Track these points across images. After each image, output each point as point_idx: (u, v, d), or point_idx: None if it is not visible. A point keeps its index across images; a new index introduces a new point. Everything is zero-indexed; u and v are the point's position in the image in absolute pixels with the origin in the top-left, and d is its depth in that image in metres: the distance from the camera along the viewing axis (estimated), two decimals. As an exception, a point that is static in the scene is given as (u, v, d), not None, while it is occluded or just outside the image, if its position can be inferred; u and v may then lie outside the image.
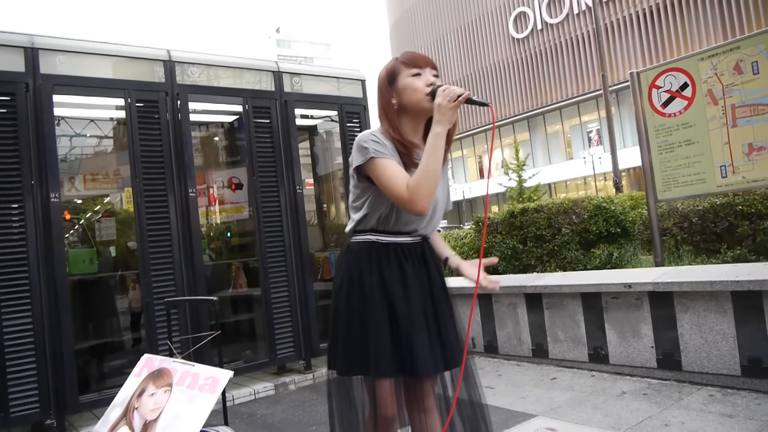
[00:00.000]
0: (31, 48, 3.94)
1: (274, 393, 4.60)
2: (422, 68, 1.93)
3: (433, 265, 2.03)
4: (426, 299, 1.95)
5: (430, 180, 1.77)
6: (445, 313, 1.99)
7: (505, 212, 6.51)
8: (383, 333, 1.86)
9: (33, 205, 3.83)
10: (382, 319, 1.88)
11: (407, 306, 1.89)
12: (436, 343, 1.90)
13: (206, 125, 5.98)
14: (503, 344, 4.83)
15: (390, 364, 1.85)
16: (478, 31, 40.91)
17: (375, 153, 1.85)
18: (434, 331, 1.91)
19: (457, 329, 2.05)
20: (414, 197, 1.77)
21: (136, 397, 2.20)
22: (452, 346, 1.97)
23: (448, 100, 1.79)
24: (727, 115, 4.38)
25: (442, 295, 2.02)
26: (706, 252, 5.17)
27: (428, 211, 1.83)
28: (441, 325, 1.95)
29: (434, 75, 1.94)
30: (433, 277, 2.00)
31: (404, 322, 1.87)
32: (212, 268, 5.43)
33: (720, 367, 3.49)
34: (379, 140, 1.88)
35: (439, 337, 1.92)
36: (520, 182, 27.11)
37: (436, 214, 2.01)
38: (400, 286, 1.91)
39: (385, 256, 1.94)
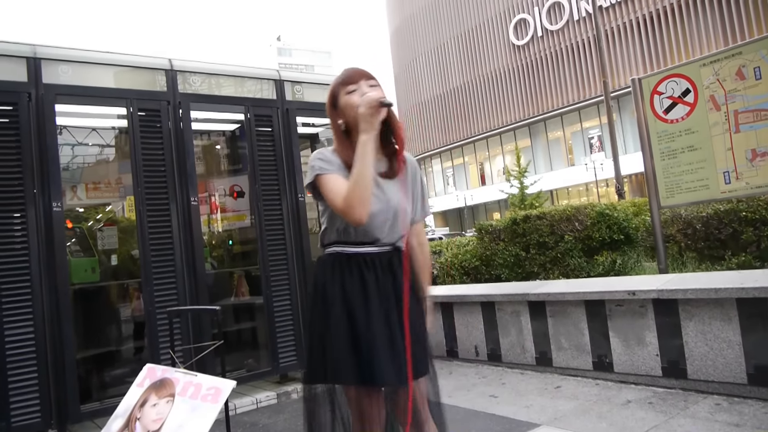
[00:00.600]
0: (33, 58, 3.95)
1: (276, 402, 4.58)
2: (356, 83, 1.98)
3: (401, 275, 1.99)
4: (391, 309, 1.93)
5: (361, 188, 1.81)
6: (413, 322, 1.94)
7: (508, 219, 6.49)
8: (343, 342, 1.88)
9: (35, 214, 3.82)
10: (343, 328, 1.89)
11: (367, 316, 1.90)
12: (401, 352, 1.89)
13: (208, 133, 5.99)
14: (506, 352, 4.81)
15: (349, 372, 1.86)
16: (479, 38, 41.02)
17: (319, 170, 1.94)
18: (399, 341, 1.90)
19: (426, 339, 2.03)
20: (348, 206, 1.82)
21: (139, 408, 2.19)
22: (420, 355, 1.95)
23: (366, 107, 1.82)
24: (729, 121, 4.37)
25: (412, 305, 1.96)
26: (711, 259, 5.15)
27: (365, 218, 1.84)
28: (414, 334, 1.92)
29: (370, 85, 1.98)
30: (400, 286, 1.96)
31: (363, 331, 1.88)
32: (214, 276, 5.42)
33: (726, 375, 3.46)
34: (324, 158, 1.97)
35: (404, 347, 1.90)
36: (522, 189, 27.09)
37: (398, 221, 2.00)
38: (360, 296, 1.92)
39: (347, 267, 1.96)
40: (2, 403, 3.57)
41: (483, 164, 43.99)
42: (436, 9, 44.29)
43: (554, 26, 36.01)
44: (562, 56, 35.73)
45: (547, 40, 36.60)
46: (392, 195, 1.99)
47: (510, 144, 39.10)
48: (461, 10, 42.07)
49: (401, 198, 2.00)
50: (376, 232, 1.97)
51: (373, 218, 1.93)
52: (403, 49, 48.82)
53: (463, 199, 41.99)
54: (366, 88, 1.96)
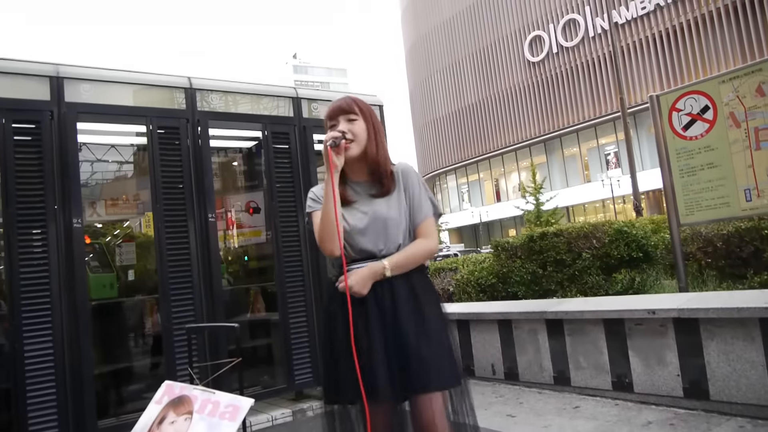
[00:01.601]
0: (56, 77, 4.02)
1: (291, 420, 4.56)
2: (335, 119, 2.10)
3: (403, 286, 2.04)
4: (387, 324, 1.99)
5: (325, 226, 2.00)
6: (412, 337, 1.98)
7: (524, 236, 6.46)
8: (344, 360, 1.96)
9: (56, 230, 3.87)
10: (343, 346, 1.97)
11: (365, 332, 1.98)
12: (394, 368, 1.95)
13: (225, 150, 6.04)
14: (524, 371, 4.75)
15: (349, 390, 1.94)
16: (494, 55, 41.16)
17: (308, 208, 2.19)
18: (396, 353, 1.95)
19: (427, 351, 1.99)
20: (320, 241, 2.04)
21: (157, 425, 2.19)
22: (416, 371, 1.95)
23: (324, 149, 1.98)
24: (750, 138, 4.32)
25: (415, 318, 2.01)
26: (732, 277, 5.07)
27: (336, 251, 1.98)
28: (403, 350, 1.96)
29: (349, 119, 2.08)
30: (398, 298, 2.02)
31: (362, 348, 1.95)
32: (230, 292, 5.44)
33: (750, 396, 3.39)
34: (314, 196, 2.17)
35: (403, 358, 1.95)
36: (538, 205, 26.99)
37: (389, 231, 2.06)
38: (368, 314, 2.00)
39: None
40: (21, 418, 3.59)
41: (498, 180, 43.93)
42: (452, 26, 44.55)
43: (570, 43, 36.04)
44: (578, 73, 35.71)
45: (562, 57, 36.63)
46: (380, 208, 2.07)
47: (525, 160, 39.03)
48: (476, 27, 42.28)
49: (390, 210, 2.08)
50: (370, 246, 2.06)
51: (364, 235, 2.05)
52: (418, 66, 49.10)
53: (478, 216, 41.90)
54: (344, 124, 2.07)
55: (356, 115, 2.09)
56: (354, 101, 2.12)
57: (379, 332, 1.98)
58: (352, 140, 2.03)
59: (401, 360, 1.95)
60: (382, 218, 2.06)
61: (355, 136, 2.06)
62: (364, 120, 2.10)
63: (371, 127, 2.10)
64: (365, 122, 2.09)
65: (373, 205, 2.08)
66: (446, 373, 2.02)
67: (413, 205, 2.11)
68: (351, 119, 2.08)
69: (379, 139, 2.11)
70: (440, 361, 2.00)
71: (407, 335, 1.97)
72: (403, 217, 2.10)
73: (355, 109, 2.09)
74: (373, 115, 2.14)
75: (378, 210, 2.06)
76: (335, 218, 1.97)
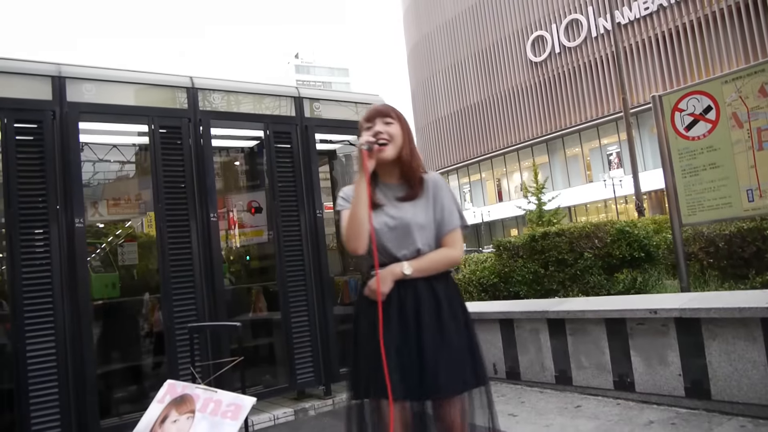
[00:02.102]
0: (58, 77, 4.02)
1: (293, 419, 4.56)
2: (372, 121, 2.17)
3: (426, 290, 2.11)
4: (409, 324, 2.06)
5: (353, 225, 2.05)
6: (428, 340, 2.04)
7: (526, 236, 6.46)
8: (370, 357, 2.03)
9: (58, 230, 3.87)
10: (366, 343, 2.08)
11: (387, 331, 2.02)
12: (413, 367, 2.01)
13: (227, 150, 6.05)
14: (525, 370, 4.75)
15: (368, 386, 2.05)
16: (497, 55, 41.13)
17: (339, 207, 2.24)
18: (414, 356, 2.02)
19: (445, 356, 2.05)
20: (346, 240, 2.10)
21: (159, 424, 2.20)
22: (431, 377, 2.00)
23: (358, 152, 2.07)
24: (752, 139, 4.32)
25: (433, 323, 2.08)
26: (734, 277, 5.07)
27: (360, 250, 2.06)
28: (424, 348, 2.03)
29: (386, 122, 2.16)
30: (422, 301, 2.09)
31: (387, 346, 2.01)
32: (232, 292, 5.44)
33: (751, 396, 3.39)
34: (344, 195, 2.22)
35: (420, 361, 2.01)
36: (540, 205, 26.93)
37: (413, 235, 2.12)
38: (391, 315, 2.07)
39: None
40: (23, 418, 3.60)
41: (500, 180, 43.89)
42: (454, 27, 44.53)
43: (572, 43, 36.00)
44: (580, 73, 35.68)
45: (565, 57, 36.59)
46: (406, 213, 2.13)
47: (527, 160, 39.00)
48: (479, 27, 42.25)
49: (416, 215, 2.14)
50: (394, 250, 2.12)
51: (389, 238, 2.11)
52: (420, 66, 49.09)
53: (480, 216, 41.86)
54: (380, 125, 2.14)
55: (392, 119, 2.17)
56: (391, 107, 2.22)
57: (399, 334, 2.05)
58: (388, 141, 2.11)
59: (420, 363, 2.01)
60: (407, 223, 2.12)
61: (392, 137, 2.13)
62: (400, 125, 2.18)
63: (406, 133, 2.19)
64: (400, 126, 2.18)
65: (400, 209, 2.15)
66: (464, 376, 2.07)
67: (443, 215, 2.17)
68: (387, 122, 2.16)
69: (412, 146, 2.21)
70: (458, 366, 2.05)
71: (427, 339, 2.04)
72: (430, 224, 2.16)
73: (392, 113, 2.19)
74: (404, 120, 2.22)
75: (404, 215, 2.13)
76: (366, 219, 2.04)
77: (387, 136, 2.11)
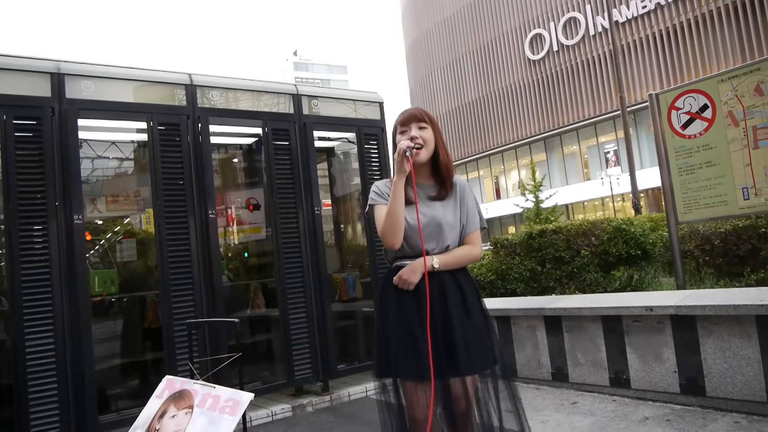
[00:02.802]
0: (57, 73, 4.03)
1: (291, 415, 4.58)
2: (407, 125, 2.33)
3: (451, 281, 2.30)
4: (436, 311, 2.22)
5: (390, 222, 2.22)
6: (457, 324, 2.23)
7: (524, 234, 6.48)
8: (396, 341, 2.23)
9: (57, 226, 3.88)
10: (394, 329, 2.25)
11: (418, 319, 2.21)
12: (440, 351, 2.18)
13: (225, 147, 6.06)
14: (522, 367, 4.78)
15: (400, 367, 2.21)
16: (494, 53, 41.08)
17: (371, 201, 2.38)
18: (440, 341, 2.19)
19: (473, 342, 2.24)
20: (383, 234, 2.26)
21: (158, 419, 2.21)
22: (462, 356, 2.18)
23: (397, 155, 2.20)
24: (748, 137, 4.35)
25: (460, 309, 2.27)
26: (729, 275, 5.10)
27: (397, 245, 2.25)
28: (449, 335, 2.21)
29: (420, 127, 2.32)
30: (447, 291, 2.27)
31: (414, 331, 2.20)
32: (230, 288, 5.46)
33: (745, 393, 3.42)
34: (377, 190, 2.38)
35: (446, 346, 2.20)
36: (537, 203, 26.95)
37: (443, 233, 2.31)
38: (413, 301, 2.25)
39: None
40: (22, 414, 3.61)
41: (498, 178, 43.89)
42: (452, 24, 44.46)
43: (570, 41, 35.98)
44: (578, 71, 35.66)
45: (562, 55, 36.57)
46: (437, 212, 2.32)
47: (525, 158, 38.99)
48: (477, 25, 42.20)
49: (446, 215, 2.33)
50: (426, 244, 2.28)
51: (418, 234, 2.27)
52: (418, 64, 49.03)
53: (477, 213, 41.81)
54: (415, 131, 2.31)
55: (426, 124, 2.33)
56: (425, 112, 2.37)
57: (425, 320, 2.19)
58: (423, 145, 2.29)
59: (447, 345, 2.19)
60: (438, 221, 2.30)
61: (426, 142, 2.30)
62: (432, 129, 2.34)
63: (439, 137, 2.36)
64: (433, 129, 2.34)
65: (432, 208, 2.32)
66: (487, 355, 2.28)
67: (468, 216, 2.37)
68: (422, 126, 2.32)
69: (446, 148, 2.37)
70: (482, 346, 2.26)
71: (456, 323, 2.22)
72: (457, 224, 2.35)
73: (425, 118, 2.34)
74: (438, 126, 2.39)
75: (436, 213, 2.31)
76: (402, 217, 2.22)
77: (422, 141, 2.28)
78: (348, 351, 5.63)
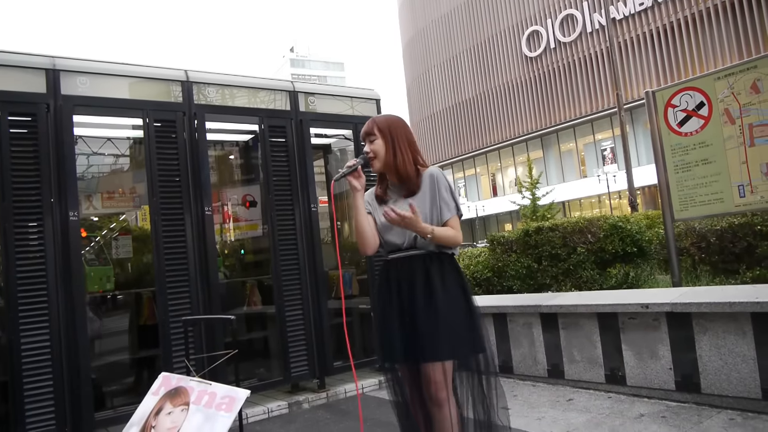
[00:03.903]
0: (52, 70, 4.01)
1: (287, 412, 4.58)
2: (364, 140, 2.49)
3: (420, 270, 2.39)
4: (404, 301, 2.37)
5: (357, 233, 2.42)
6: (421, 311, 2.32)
7: (520, 231, 6.49)
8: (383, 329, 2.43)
9: (52, 223, 3.87)
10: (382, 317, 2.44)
11: (390, 306, 2.40)
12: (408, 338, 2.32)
13: (222, 144, 6.04)
14: (518, 364, 4.79)
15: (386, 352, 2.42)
16: (491, 50, 41.09)
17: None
18: (408, 328, 2.33)
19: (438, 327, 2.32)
20: (358, 243, 2.45)
21: (154, 416, 2.21)
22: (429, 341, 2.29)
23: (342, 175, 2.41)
24: (744, 135, 4.35)
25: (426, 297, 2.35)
26: (725, 272, 5.11)
27: (368, 252, 2.43)
28: (417, 323, 2.31)
29: (370, 140, 2.46)
30: (416, 278, 2.37)
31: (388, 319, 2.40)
32: (226, 285, 5.45)
33: (740, 390, 3.43)
34: (365, 197, 2.52)
35: (413, 333, 2.31)
36: (534, 200, 26.98)
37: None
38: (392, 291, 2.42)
39: (385, 270, 2.51)
40: (18, 411, 3.60)
41: (495, 175, 43.93)
42: (449, 21, 44.44)
43: (567, 38, 36.01)
44: (575, 68, 35.70)
45: (559, 52, 36.60)
46: (405, 207, 2.34)
47: (522, 155, 39.01)
48: (474, 22, 42.19)
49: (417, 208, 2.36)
50: (396, 239, 2.43)
51: (391, 230, 2.42)
52: (415, 61, 49.00)
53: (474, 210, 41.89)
54: (368, 145, 2.46)
55: (374, 135, 2.45)
56: (373, 122, 2.48)
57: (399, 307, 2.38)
58: (374, 157, 2.44)
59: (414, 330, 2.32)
60: None
61: (376, 153, 2.43)
62: (382, 137, 2.45)
63: (388, 141, 2.44)
64: (383, 139, 2.44)
65: (401, 205, 2.38)
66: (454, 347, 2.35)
67: (441, 205, 2.42)
68: (371, 140, 2.45)
69: (397, 150, 2.43)
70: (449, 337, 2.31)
71: (417, 311, 2.33)
72: (427, 216, 2.39)
73: (374, 130, 2.45)
74: (391, 128, 2.47)
75: (404, 208, 2.33)
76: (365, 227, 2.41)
77: (372, 154, 2.43)
78: (344, 348, 5.62)
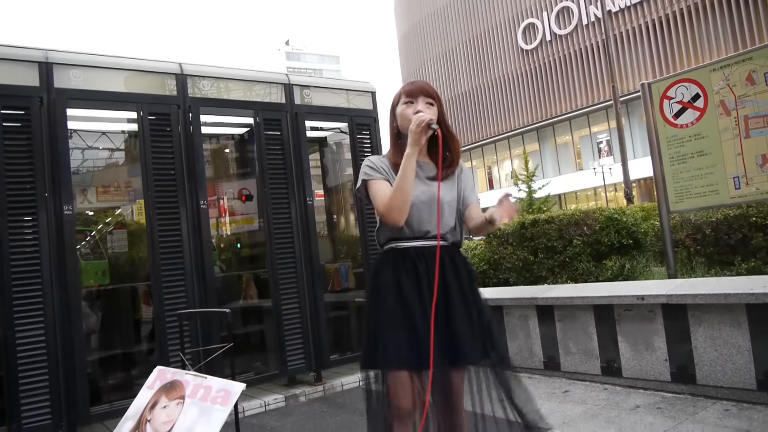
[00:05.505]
0: (45, 63, 3.99)
1: (284, 405, 4.59)
2: (415, 97, 2.18)
3: (451, 267, 2.17)
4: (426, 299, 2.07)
5: (399, 197, 2.04)
6: (460, 312, 2.11)
7: (516, 223, 6.49)
8: (393, 329, 2.05)
9: (47, 217, 3.86)
10: (394, 316, 2.07)
11: (400, 304, 2.08)
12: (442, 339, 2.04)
13: (217, 137, 6.02)
14: (514, 356, 4.80)
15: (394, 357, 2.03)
16: (487, 43, 41.00)
17: (366, 176, 2.18)
18: (442, 329, 2.05)
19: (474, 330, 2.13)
20: (387, 211, 2.06)
21: (149, 410, 2.21)
22: (463, 345, 2.07)
23: (416, 126, 2.03)
24: (740, 126, 4.35)
25: (460, 295, 2.14)
26: (720, 264, 5.12)
27: (402, 222, 2.08)
28: (452, 323, 2.08)
29: (428, 103, 2.18)
30: (447, 276, 2.13)
31: (415, 318, 2.05)
32: (222, 279, 5.45)
33: (735, 381, 3.44)
34: (372, 165, 2.20)
35: (447, 335, 2.06)
36: (530, 193, 27.01)
37: (445, 213, 2.18)
38: (414, 285, 2.10)
39: (401, 260, 2.15)
40: (13, 405, 3.60)
41: (491, 168, 43.93)
42: (445, 14, 44.30)
43: (563, 31, 35.94)
44: (571, 61, 35.65)
45: (555, 45, 36.54)
46: (436, 191, 2.15)
47: (518, 148, 39.03)
48: (470, 15, 42.06)
49: (445, 194, 2.18)
50: (425, 225, 2.16)
51: (421, 212, 2.14)
52: (411, 54, 48.87)
53: (470, 204, 41.88)
54: (422, 105, 2.16)
55: (434, 101, 2.19)
56: (433, 88, 2.23)
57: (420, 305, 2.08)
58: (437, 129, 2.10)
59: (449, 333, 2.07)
60: (440, 203, 2.15)
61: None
62: (438, 107, 2.21)
63: (442, 113, 2.22)
64: (439, 108, 2.21)
65: (431, 187, 2.18)
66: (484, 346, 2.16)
67: (466, 193, 2.28)
68: (429, 102, 2.18)
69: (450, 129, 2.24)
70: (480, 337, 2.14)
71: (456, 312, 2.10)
72: (454, 201, 2.24)
73: (435, 95, 2.20)
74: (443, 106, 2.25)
75: (435, 191, 2.15)
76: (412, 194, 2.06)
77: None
78: (341, 341, 5.63)
